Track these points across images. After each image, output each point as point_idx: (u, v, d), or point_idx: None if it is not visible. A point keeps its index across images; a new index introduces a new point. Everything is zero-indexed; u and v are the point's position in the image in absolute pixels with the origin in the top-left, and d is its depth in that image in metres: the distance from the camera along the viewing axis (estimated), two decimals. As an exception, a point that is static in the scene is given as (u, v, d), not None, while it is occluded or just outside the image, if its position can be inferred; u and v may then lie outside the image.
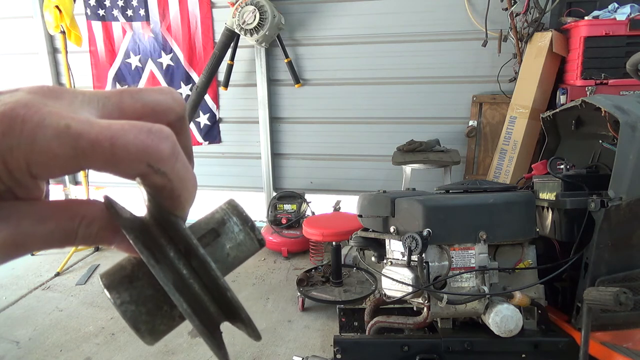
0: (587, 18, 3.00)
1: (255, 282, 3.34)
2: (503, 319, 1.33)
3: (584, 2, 3.24)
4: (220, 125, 4.24)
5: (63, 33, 3.50)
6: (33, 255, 3.82)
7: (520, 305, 1.38)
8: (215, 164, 4.35)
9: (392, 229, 1.49)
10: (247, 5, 3.49)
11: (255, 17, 3.48)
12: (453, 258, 1.39)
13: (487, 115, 3.66)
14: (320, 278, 3.00)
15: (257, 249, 0.30)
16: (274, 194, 4.07)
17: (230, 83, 3.96)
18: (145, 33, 4.09)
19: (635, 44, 2.81)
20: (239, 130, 4.23)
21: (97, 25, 4.15)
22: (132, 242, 0.24)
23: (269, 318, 2.82)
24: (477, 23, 3.47)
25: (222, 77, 3.97)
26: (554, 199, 1.49)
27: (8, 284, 3.37)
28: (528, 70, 3.25)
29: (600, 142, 1.66)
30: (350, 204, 3.71)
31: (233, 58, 3.84)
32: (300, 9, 3.82)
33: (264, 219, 4.00)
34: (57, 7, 3.34)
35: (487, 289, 1.37)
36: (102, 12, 4.11)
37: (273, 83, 4.04)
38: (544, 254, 1.56)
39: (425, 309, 1.42)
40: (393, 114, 3.89)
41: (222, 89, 4.03)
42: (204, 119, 4.20)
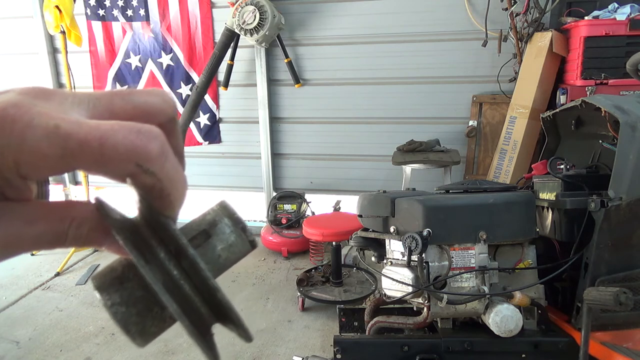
0: (587, 18, 3.00)
1: (255, 282, 3.34)
2: (503, 319, 1.33)
3: (584, 2, 3.24)
4: (220, 125, 4.24)
5: (63, 33, 3.49)
6: (33, 255, 3.82)
7: (520, 305, 1.38)
8: (215, 164, 4.35)
9: (392, 229, 1.49)
10: (247, 5, 3.49)
11: (255, 17, 3.48)
12: (453, 258, 1.39)
13: (487, 115, 3.66)
14: (320, 278, 3.00)
15: (248, 250, 0.30)
16: (274, 194, 4.07)
17: (230, 83, 3.96)
18: (145, 33, 4.09)
19: (635, 44, 2.81)
20: (239, 130, 4.23)
21: (97, 25, 4.15)
22: (122, 243, 0.24)
23: (269, 318, 2.82)
24: (477, 23, 3.47)
25: (222, 77, 3.97)
26: (554, 199, 1.49)
27: (8, 284, 3.37)
28: (528, 70, 3.25)
29: (600, 142, 1.66)
30: (350, 204, 3.72)
31: (233, 58, 3.84)
32: (300, 9, 3.82)
33: (264, 219, 4.00)
34: (57, 7, 3.34)
35: (487, 289, 1.38)
36: (102, 12, 4.11)
37: (273, 83, 4.04)
38: (544, 254, 1.56)
39: (425, 309, 1.42)
40: (393, 114, 3.89)
41: (222, 89, 4.03)
42: (204, 119, 4.20)
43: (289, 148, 4.20)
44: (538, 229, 1.46)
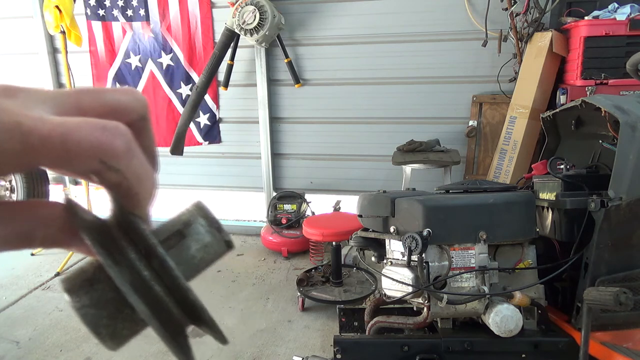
0: (587, 18, 3.00)
1: (255, 282, 3.34)
2: (503, 319, 1.33)
3: (584, 2, 3.24)
4: (220, 125, 4.24)
5: (63, 33, 3.49)
6: (33, 255, 3.82)
7: (520, 305, 1.38)
8: (215, 164, 4.35)
9: (392, 229, 1.49)
10: (247, 5, 3.49)
11: (255, 17, 3.48)
12: (453, 258, 1.39)
13: (487, 115, 3.66)
14: (320, 278, 3.00)
15: (224, 251, 0.29)
16: (274, 194, 4.07)
17: (230, 83, 3.96)
18: (145, 33, 4.09)
19: (635, 44, 2.81)
20: (239, 130, 4.23)
21: (97, 25, 4.15)
22: (89, 243, 0.24)
23: (269, 318, 2.82)
24: (477, 23, 3.47)
25: (222, 77, 3.97)
26: (554, 199, 1.49)
27: (8, 284, 3.37)
28: (528, 70, 3.25)
29: (600, 142, 1.66)
30: (350, 204, 3.72)
31: (233, 58, 3.84)
32: (300, 9, 3.82)
33: (264, 219, 4.00)
34: (57, 7, 3.34)
35: (487, 289, 1.37)
36: (102, 12, 4.11)
37: (273, 83, 4.04)
38: (544, 254, 1.56)
39: (425, 309, 1.42)
40: (393, 114, 3.89)
41: (222, 89, 4.03)
42: (204, 119, 4.20)
43: (289, 148, 4.20)
44: (538, 229, 1.46)
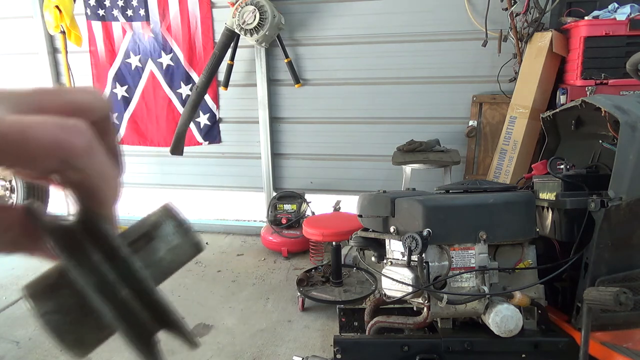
0: (587, 18, 3.00)
1: (255, 282, 3.34)
2: (503, 319, 1.33)
3: (584, 2, 3.24)
4: (220, 125, 4.24)
5: (63, 33, 3.50)
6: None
7: (520, 305, 1.38)
8: (215, 164, 4.35)
9: (392, 229, 1.49)
10: (247, 5, 3.49)
11: (255, 17, 3.48)
12: (453, 258, 1.39)
13: (487, 115, 3.66)
14: (320, 278, 3.00)
15: (194, 253, 0.28)
16: (274, 194, 4.07)
17: (230, 83, 3.96)
18: (145, 33, 4.09)
19: (635, 44, 2.81)
20: (239, 130, 4.23)
21: (97, 25, 4.15)
22: (52, 246, 0.23)
23: (269, 318, 2.82)
24: (477, 23, 3.47)
25: (222, 77, 3.97)
26: (554, 199, 1.49)
27: (8, 284, 3.37)
28: (528, 70, 3.25)
29: (600, 142, 1.66)
30: (350, 204, 3.71)
31: (233, 58, 3.84)
32: (300, 9, 3.82)
33: (264, 219, 4.00)
34: (57, 7, 3.34)
35: (487, 289, 1.38)
36: (102, 12, 4.10)
37: (273, 83, 4.04)
38: (544, 254, 1.56)
39: (425, 309, 1.42)
40: (393, 114, 3.89)
41: (222, 89, 4.02)
42: (204, 119, 4.20)
43: (289, 148, 4.20)
44: (538, 229, 1.46)
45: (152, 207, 0.29)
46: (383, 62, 3.80)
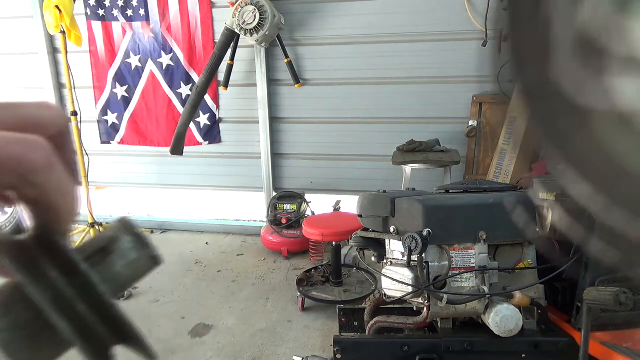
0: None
1: (255, 282, 3.34)
2: (503, 319, 1.33)
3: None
4: (220, 125, 4.24)
5: (63, 33, 3.49)
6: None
7: (520, 305, 1.38)
8: (215, 164, 4.35)
9: (392, 229, 1.49)
10: (247, 5, 3.49)
11: (255, 17, 3.48)
12: (453, 258, 1.39)
13: (487, 115, 3.66)
14: (320, 278, 3.00)
15: (151, 267, 0.28)
16: (274, 194, 4.07)
17: (230, 83, 3.96)
18: (145, 33, 4.09)
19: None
20: (239, 130, 4.23)
21: (97, 25, 4.15)
22: (7, 262, 0.23)
23: (269, 318, 2.82)
24: (477, 23, 3.47)
25: (222, 77, 3.97)
26: (554, 199, 1.49)
27: (8, 284, 3.37)
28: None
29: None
30: (350, 204, 3.71)
31: (233, 58, 3.84)
32: (301, 9, 3.82)
33: (264, 219, 4.00)
34: (57, 7, 3.34)
35: (487, 289, 1.38)
36: (102, 12, 4.11)
37: (273, 83, 4.04)
38: (544, 254, 1.56)
39: (425, 309, 1.42)
40: (393, 114, 3.89)
41: (222, 89, 4.02)
42: (204, 119, 4.20)
43: (289, 148, 4.20)
44: (538, 229, 1.46)
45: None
46: (383, 62, 3.80)
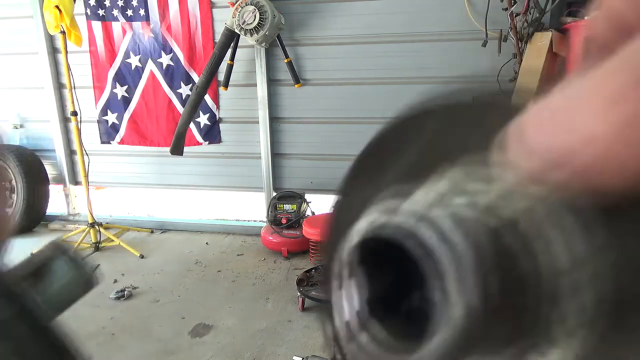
0: (587, 18, 3.00)
1: (255, 282, 3.34)
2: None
3: (584, 2, 3.24)
4: (220, 125, 4.24)
5: (63, 33, 3.50)
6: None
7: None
8: (215, 164, 4.35)
9: (392, 229, 1.49)
10: (247, 5, 3.49)
11: (255, 17, 3.48)
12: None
13: (487, 115, 3.65)
14: (320, 278, 3.00)
15: (87, 287, 0.28)
16: (274, 194, 4.07)
17: (230, 83, 3.96)
18: (145, 33, 4.09)
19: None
20: (239, 130, 4.23)
21: (97, 25, 4.15)
22: None
23: (269, 318, 2.82)
24: (477, 23, 3.47)
25: (222, 77, 3.97)
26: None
27: (8, 284, 3.37)
28: (528, 71, 3.25)
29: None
30: (350, 204, 3.71)
31: (233, 58, 3.84)
32: (301, 9, 3.82)
33: (264, 219, 4.00)
34: (57, 7, 3.34)
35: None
36: (102, 12, 4.11)
37: (273, 83, 4.04)
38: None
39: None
40: (393, 114, 3.89)
41: (222, 89, 4.02)
42: (204, 119, 4.20)
43: (289, 148, 4.20)
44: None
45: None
46: (383, 62, 3.80)
